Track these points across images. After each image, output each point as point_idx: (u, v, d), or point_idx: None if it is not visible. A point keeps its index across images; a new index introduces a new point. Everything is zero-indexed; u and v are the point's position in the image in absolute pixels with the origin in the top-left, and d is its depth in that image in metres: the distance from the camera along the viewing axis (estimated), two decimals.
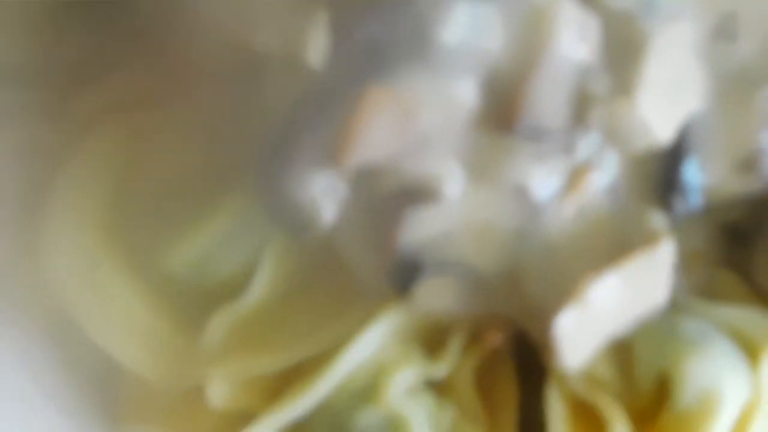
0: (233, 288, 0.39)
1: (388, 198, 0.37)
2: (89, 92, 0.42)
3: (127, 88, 0.42)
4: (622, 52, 0.37)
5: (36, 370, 0.43)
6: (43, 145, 0.43)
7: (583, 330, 0.36)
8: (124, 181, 0.41)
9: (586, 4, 0.38)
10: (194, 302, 0.40)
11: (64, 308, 0.41)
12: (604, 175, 0.37)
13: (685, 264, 0.39)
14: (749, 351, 0.39)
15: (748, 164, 0.39)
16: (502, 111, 0.36)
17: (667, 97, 0.37)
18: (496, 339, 0.39)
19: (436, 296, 0.37)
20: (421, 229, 0.36)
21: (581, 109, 0.36)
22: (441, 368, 0.39)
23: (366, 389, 0.38)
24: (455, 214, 0.36)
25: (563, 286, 0.36)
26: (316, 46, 0.36)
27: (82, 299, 0.40)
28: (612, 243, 0.37)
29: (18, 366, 0.43)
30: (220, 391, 0.38)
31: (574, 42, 0.36)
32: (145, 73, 0.42)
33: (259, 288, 0.39)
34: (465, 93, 0.35)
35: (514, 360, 0.40)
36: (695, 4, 0.39)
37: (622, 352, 0.38)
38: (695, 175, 0.38)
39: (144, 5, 0.42)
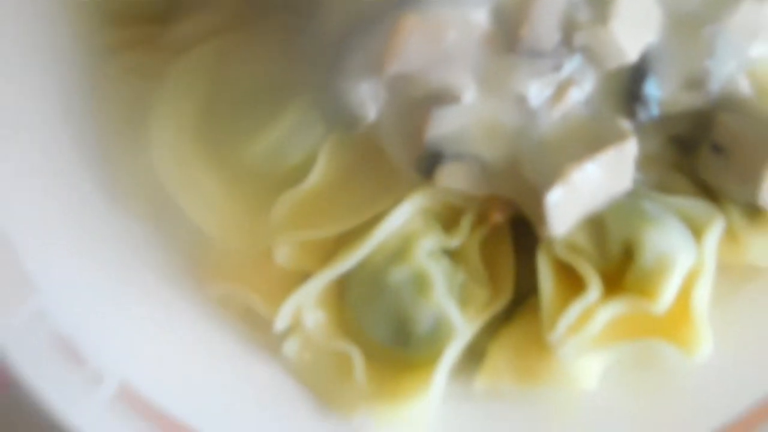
0: (297, 175, 0.42)
1: (417, 101, 0.40)
2: (185, 20, 0.45)
3: (213, 16, 0.44)
4: None
5: (140, 243, 0.45)
6: (145, 68, 0.45)
7: (567, 205, 0.39)
8: (211, 90, 0.44)
9: None
10: (266, 187, 0.43)
11: (164, 192, 0.43)
12: (584, 88, 0.41)
13: (643, 164, 0.42)
14: (694, 230, 0.42)
15: (695, 84, 0.42)
16: (508, 35, 0.39)
17: (634, 27, 0.40)
18: (498, 217, 0.42)
19: (453, 179, 0.40)
20: (443, 126, 0.39)
21: (568, 34, 0.39)
22: (455, 240, 0.42)
23: (397, 252, 0.41)
24: (469, 115, 0.40)
25: (552, 172, 0.39)
26: None
27: (179, 184, 0.43)
28: (590, 139, 0.40)
29: (124, 240, 0.45)
30: (284, 254, 0.42)
31: None
32: (223, 5, 0.45)
33: (317, 174, 0.42)
34: (479, 19, 0.39)
35: (512, 236, 0.44)
36: None
37: (596, 225, 0.41)
38: (654, 90, 0.41)
39: None
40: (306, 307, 0.43)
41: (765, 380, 0.43)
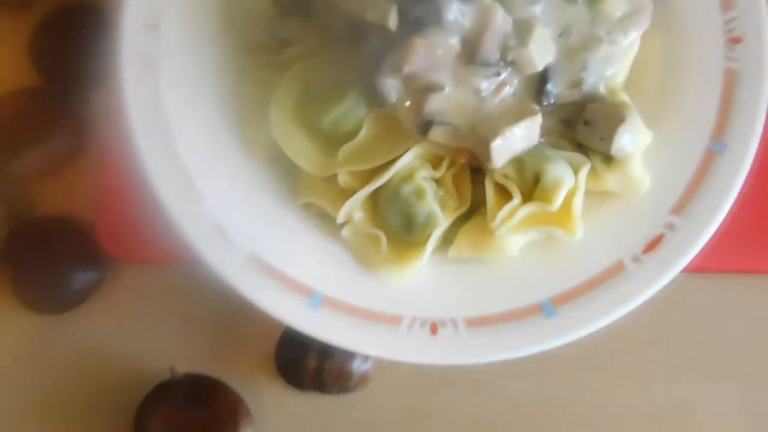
0: (351, 135, 0.50)
1: (419, 90, 0.48)
2: (290, 48, 0.52)
3: (306, 45, 0.52)
4: (521, 27, 0.48)
5: (261, 173, 0.53)
6: (268, 77, 0.53)
7: (503, 149, 0.47)
8: (304, 87, 0.51)
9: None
10: (333, 141, 0.51)
11: (276, 143, 0.52)
12: (512, 85, 0.49)
13: (545, 133, 0.51)
14: (574, 168, 0.50)
15: (575, 85, 0.50)
16: (470, 53, 0.48)
17: (540, 51, 0.48)
18: (462, 160, 0.50)
19: (439, 137, 0.48)
20: (433, 105, 0.48)
21: (504, 54, 0.48)
22: (438, 173, 0.51)
23: (405, 177, 0.50)
24: (448, 99, 0.48)
25: (495, 131, 0.47)
26: (393, 19, 0.47)
27: (284, 139, 0.51)
28: (515, 114, 0.48)
29: (252, 171, 0.53)
30: (343, 179, 0.50)
31: (503, 22, 0.47)
32: (313, 38, 0.52)
33: (362, 135, 0.50)
34: (454, 43, 0.47)
35: (470, 171, 0.52)
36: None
37: (518, 162, 0.49)
38: (552, 88, 0.50)
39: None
40: (354, 209, 0.50)
41: (608, 255, 0.49)
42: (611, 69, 0.52)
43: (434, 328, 0.49)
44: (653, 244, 0.50)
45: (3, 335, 0.56)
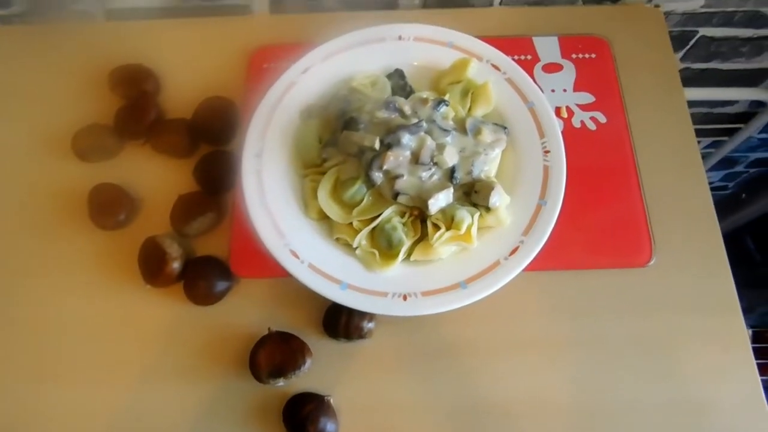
0: (359, 202, 0.54)
1: (390, 177, 0.53)
2: (328, 162, 0.57)
3: (336, 159, 0.56)
4: (440, 146, 0.54)
5: (314, 225, 0.59)
6: (315, 179, 0.57)
7: (434, 204, 0.53)
8: (335, 180, 0.56)
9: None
10: (350, 206, 0.55)
11: (321, 209, 0.55)
12: (437, 175, 0.55)
13: (455, 198, 0.55)
14: (470, 213, 0.54)
15: (469, 173, 0.56)
16: (416, 157, 0.55)
17: (449, 157, 0.54)
18: (416, 213, 0.55)
19: (403, 200, 0.53)
20: (398, 185, 0.53)
21: (432, 158, 0.54)
22: (403, 219, 0.55)
23: (387, 220, 0.54)
24: (406, 181, 0.54)
25: (429, 195, 0.52)
26: (377, 144, 0.53)
27: (326, 205, 0.54)
28: (440, 187, 0.53)
29: (308, 224, 0.58)
30: (356, 224, 0.54)
31: (431, 144, 0.57)
32: (339, 156, 0.56)
33: (365, 202, 0.54)
34: (408, 154, 0.54)
35: (418, 218, 0.55)
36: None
37: (442, 211, 0.54)
38: (458, 174, 0.55)
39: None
40: (362, 239, 0.54)
41: (491, 256, 0.53)
42: (487, 167, 0.57)
43: (405, 297, 0.53)
44: (514, 251, 0.54)
45: (179, 318, 0.58)
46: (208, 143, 0.66)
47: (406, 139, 0.56)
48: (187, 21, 0.74)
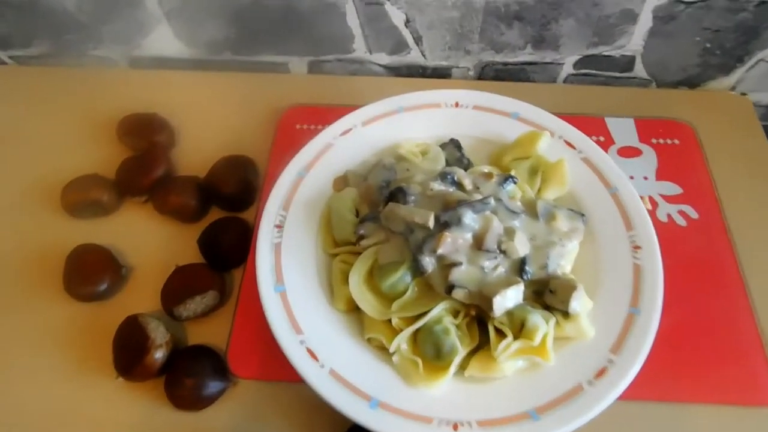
0: (401, 293, 0.45)
1: (446, 265, 0.44)
2: (365, 241, 0.48)
3: (374, 240, 0.47)
4: (509, 232, 0.45)
5: (344, 321, 0.47)
6: (347, 260, 0.48)
7: (500, 302, 0.43)
8: (373, 263, 0.47)
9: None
10: (389, 298, 0.46)
11: (352, 299, 0.46)
12: (504, 267, 0.45)
13: (524, 299, 0.45)
14: (544, 319, 0.45)
15: (543, 268, 0.46)
16: (479, 244, 0.44)
17: (521, 246, 0.45)
18: (473, 312, 0.45)
19: (458, 296, 0.44)
20: (455, 275, 0.44)
21: (500, 246, 0.44)
22: (457, 320, 0.45)
23: (437, 320, 0.44)
24: (464, 272, 0.44)
25: (496, 291, 0.43)
26: (431, 221, 0.44)
27: (358, 295, 0.46)
28: (508, 283, 0.44)
29: (336, 318, 0.47)
30: (395, 322, 0.45)
31: (498, 227, 0.45)
32: (380, 234, 0.47)
33: (409, 294, 0.45)
34: (469, 237, 0.44)
35: (476, 319, 0.46)
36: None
37: (509, 313, 0.44)
38: (529, 268, 0.46)
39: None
40: (401, 342, 0.44)
41: (571, 379, 0.43)
42: (563, 261, 0.48)
43: (456, 427, 0.42)
44: (600, 373, 0.44)
45: (155, 425, 0.48)
46: (221, 208, 0.59)
47: (469, 218, 0.45)
48: (215, 75, 0.70)
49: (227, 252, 0.55)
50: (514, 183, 0.51)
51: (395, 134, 0.57)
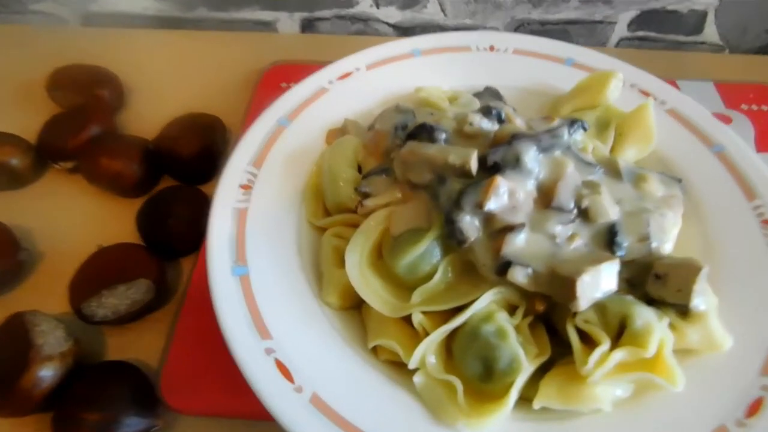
0: (427, 278, 0.32)
1: (497, 231, 0.31)
2: (371, 200, 0.34)
3: (386, 199, 0.34)
4: (588, 185, 0.33)
5: (336, 318, 0.33)
6: (347, 230, 0.35)
7: (589, 287, 0.29)
8: (377, 236, 0.34)
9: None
10: (408, 284, 0.32)
11: (348, 290, 0.32)
12: (583, 237, 0.32)
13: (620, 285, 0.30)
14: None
15: (643, 239, 0.32)
16: (546, 198, 0.31)
17: (609, 206, 0.32)
18: (540, 307, 0.31)
19: (517, 278, 0.30)
20: (511, 246, 0.30)
21: (577, 201, 0.31)
22: (514, 320, 0.31)
23: (486, 317, 0.30)
24: (525, 241, 0.30)
25: (580, 270, 0.28)
26: (474, 163, 0.31)
27: (359, 281, 0.32)
28: (595, 260, 0.30)
29: (326, 316, 0.33)
30: (417, 320, 0.31)
31: (574, 174, 0.32)
32: (393, 191, 0.34)
33: (438, 278, 0.31)
34: (531, 187, 0.31)
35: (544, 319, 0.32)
36: None
37: (600, 307, 0.30)
38: (622, 239, 0.31)
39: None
40: (428, 351, 0.30)
41: (708, 417, 0.28)
42: (665, 236, 0.33)
43: None
44: (755, 408, 0.29)
45: None
46: (176, 178, 0.46)
47: (532, 158, 0.30)
48: (185, 33, 0.60)
49: (175, 232, 0.41)
50: (585, 129, 0.37)
51: (410, 82, 0.44)
